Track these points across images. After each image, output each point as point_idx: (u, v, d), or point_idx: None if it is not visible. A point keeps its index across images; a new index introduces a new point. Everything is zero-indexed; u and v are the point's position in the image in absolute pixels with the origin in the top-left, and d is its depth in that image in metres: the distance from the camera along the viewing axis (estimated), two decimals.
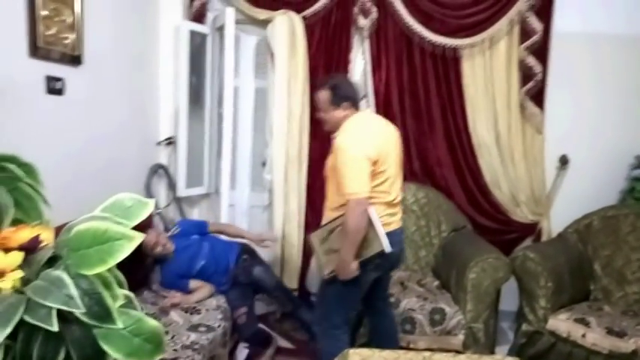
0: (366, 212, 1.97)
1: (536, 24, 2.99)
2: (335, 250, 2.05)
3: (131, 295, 1.05)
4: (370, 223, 2.00)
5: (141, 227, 0.97)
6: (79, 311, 0.87)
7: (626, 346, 2.30)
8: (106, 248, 0.90)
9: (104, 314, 0.89)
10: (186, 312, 2.26)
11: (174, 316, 2.22)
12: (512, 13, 2.98)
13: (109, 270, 0.98)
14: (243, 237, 2.77)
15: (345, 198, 1.96)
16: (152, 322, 0.96)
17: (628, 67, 3.08)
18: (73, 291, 0.87)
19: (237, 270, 2.62)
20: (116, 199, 1.13)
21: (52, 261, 0.97)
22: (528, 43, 3.00)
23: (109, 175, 2.54)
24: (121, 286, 1.07)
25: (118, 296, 0.94)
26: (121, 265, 0.94)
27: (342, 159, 1.96)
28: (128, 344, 0.92)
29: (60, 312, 0.88)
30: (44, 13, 2.01)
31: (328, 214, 2.17)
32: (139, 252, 2.33)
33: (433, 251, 3.09)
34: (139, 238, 0.91)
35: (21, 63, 1.94)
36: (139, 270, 2.51)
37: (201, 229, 2.75)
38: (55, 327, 0.82)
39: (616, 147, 3.09)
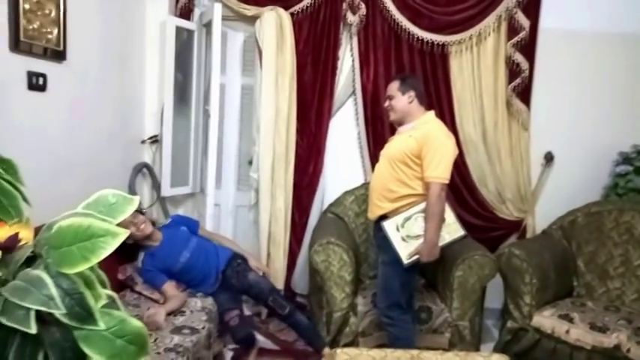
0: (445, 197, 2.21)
1: (523, 20, 3.01)
2: (415, 235, 2.22)
3: (114, 295, 1.02)
4: (446, 211, 2.25)
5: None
6: (60, 312, 0.84)
7: (609, 340, 2.33)
8: (88, 245, 0.87)
9: (86, 315, 0.87)
10: (169, 314, 2.21)
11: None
12: (500, 9, 3.00)
13: (92, 269, 0.96)
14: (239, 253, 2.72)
15: (417, 187, 2.22)
16: (136, 323, 0.94)
17: (612, 64, 3.12)
18: (54, 291, 0.84)
19: (230, 273, 2.58)
20: (99, 196, 1.10)
21: (31, 261, 0.95)
22: (516, 39, 3.02)
23: (92, 174, 2.49)
24: (103, 285, 1.04)
25: (101, 296, 0.92)
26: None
27: (435, 145, 2.18)
28: (111, 346, 0.89)
29: (39, 313, 0.85)
30: (27, 6, 1.96)
31: (385, 206, 2.29)
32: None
33: None
34: (123, 234, 0.88)
35: (1, 57, 1.89)
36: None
37: (192, 225, 2.71)
38: (33, 329, 0.79)
39: (600, 143, 3.13)
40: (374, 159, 3.17)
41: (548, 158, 3.18)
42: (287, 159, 3.09)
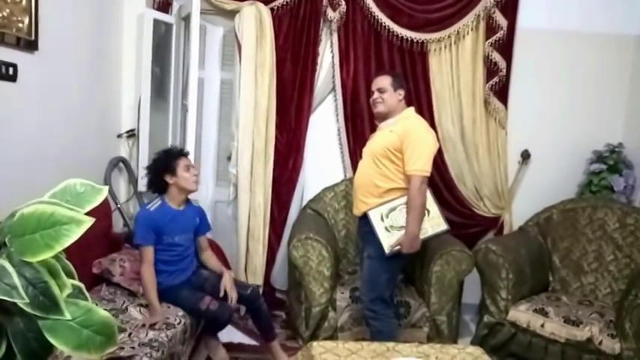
0: (427, 191, 2.27)
1: (501, 20, 3.05)
2: (399, 226, 2.25)
3: (81, 285, 1.00)
4: (430, 204, 2.31)
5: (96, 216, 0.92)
6: (23, 302, 0.82)
7: (582, 334, 2.37)
8: (52, 233, 0.85)
9: (50, 305, 0.85)
10: (145, 307, 2.18)
11: (133, 312, 2.14)
12: (479, 8, 3.03)
13: (57, 258, 0.94)
14: (215, 271, 2.54)
15: (401, 181, 2.25)
16: (102, 313, 0.92)
17: (588, 63, 3.18)
18: (16, 280, 0.82)
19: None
20: (66, 185, 1.07)
21: None
22: (493, 38, 3.05)
23: (66, 167, 2.43)
24: (70, 275, 1.02)
25: (66, 285, 0.90)
26: None
27: (415, 139, 2.22)
28: (77, 336, 0.87)
29: (1, 303, 0.83)
30: None
31: (371, 201, 2.31)
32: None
33: None
34: (88, 222, 0.87)
35: None
36: None
37: (204, 228, 2.56)
38: None
39: (575, 142, 3.19)
40: (354, 155, 3.18)
41: (525, 156, 3.22)
42: (266, 154, 3.07)
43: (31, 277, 0.85)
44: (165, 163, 2.35)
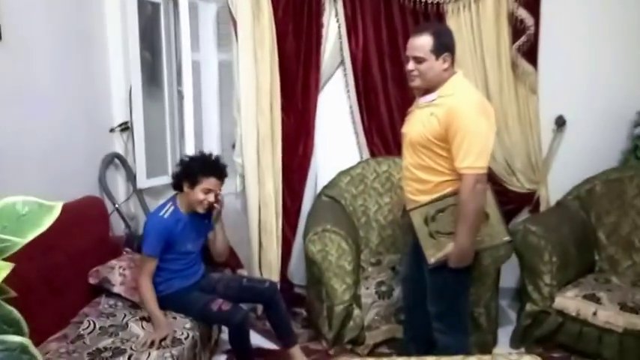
0: (486, 191, 1.79)
1: None
2: (446, 233, 1.81)
3: (27, 342, 0.75)
4: (490, 206, 1.85)
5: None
6: None
7: None
8: None
9: None
10: (148, 320, 1.94)
11: (135, 328, 1.90)
12: None
13: None
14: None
15: (454, 173, 1.76)
16: None
17: (628, 18, 2.80)
18: None
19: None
20: (4, 205, 0.82)
21: None
22: None
23: (53, 170, 2.20)
24: (14, 326, 0.77)
25: None
26: None
27: (464, 124, 1.70)
28: None
29: None
30: None
31: (422, 199, 1.85)
32: None
33: None
34: (5, 269, 0.61)
35: None
36: None
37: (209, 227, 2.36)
38: None
39: (616, 104, 2.84)
40: (369, 134, 2.92)
41: (560, 123, 2.90)
42: (273, 140, 2.79)
43: None
44: (192, 170, 2.12)
